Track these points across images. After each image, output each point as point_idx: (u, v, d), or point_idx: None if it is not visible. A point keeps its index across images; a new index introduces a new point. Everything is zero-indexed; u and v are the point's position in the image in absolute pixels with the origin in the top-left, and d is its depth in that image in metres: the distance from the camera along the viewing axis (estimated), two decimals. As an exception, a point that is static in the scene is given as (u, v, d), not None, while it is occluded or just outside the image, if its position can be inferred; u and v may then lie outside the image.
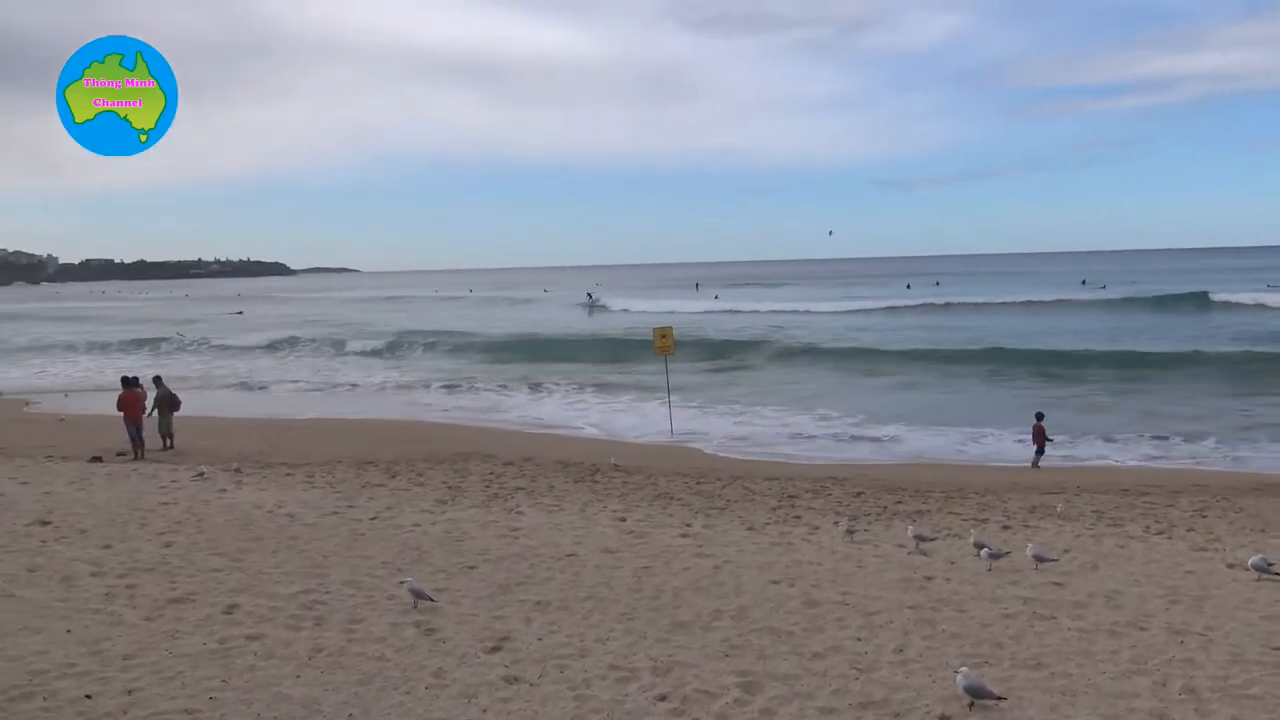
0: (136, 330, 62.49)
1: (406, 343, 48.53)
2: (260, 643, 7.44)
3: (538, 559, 10.31)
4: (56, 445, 20.47)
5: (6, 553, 10.24)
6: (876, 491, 15.30)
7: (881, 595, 8.92)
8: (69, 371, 41.34)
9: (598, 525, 12.35)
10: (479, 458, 18.77)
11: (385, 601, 8.61)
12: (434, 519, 12.59)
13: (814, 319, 59.57)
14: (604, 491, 15.17)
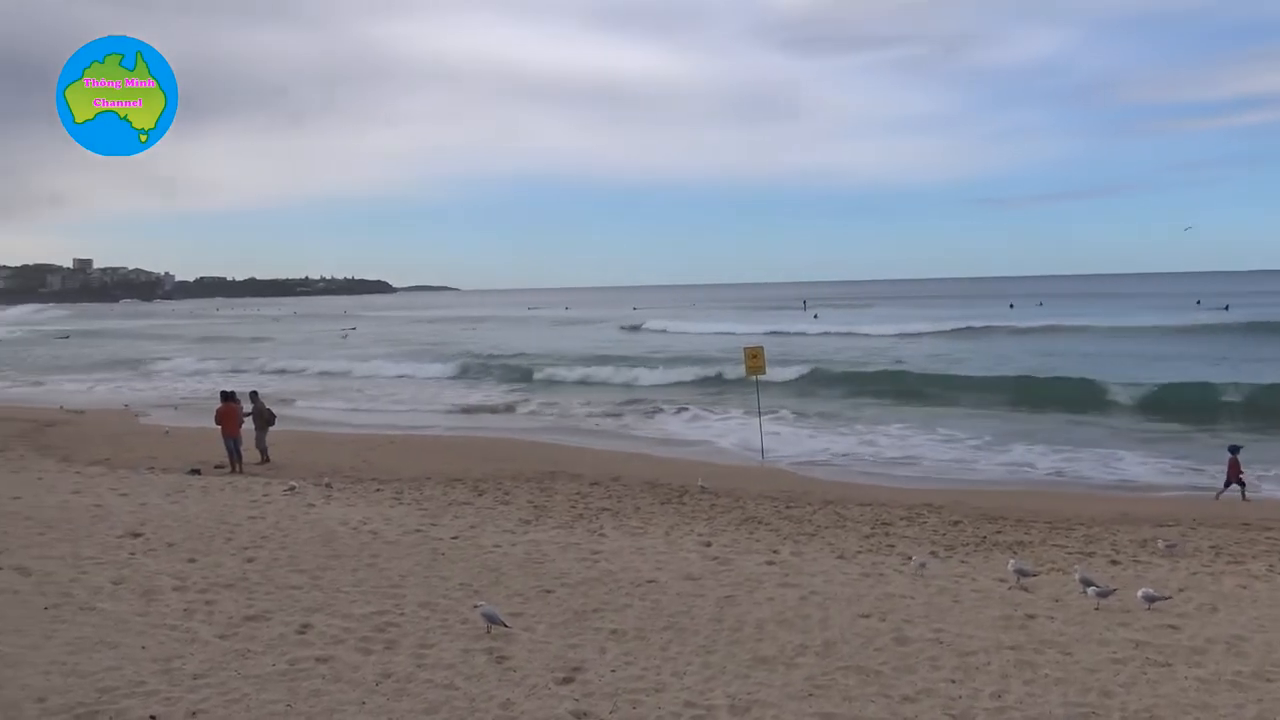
0: (250, 348, 64.49)
1: (508, 364, 48.99)
2: (329, 665, 7.29)
3: (617, 584, 10.01)
4: (159, 457, 21.02)
5: (96, 564, 10.36)
6: (975, 520, 14.61)
7: (978, 634, 8.37)
8: (193, 385, 42.67)
9: (681, 550, 12.00)
10: (566, 477, 18.61)
11: (459, 626, 8.40)
12: (515, 540, 12.40)
13: (916, 340, 58.21)
14: (690, 514, 14.82)
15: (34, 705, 6.32)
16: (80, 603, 8.86)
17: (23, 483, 16.71)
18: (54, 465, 19.97)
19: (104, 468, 19.44)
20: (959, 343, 55.24)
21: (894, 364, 43.75)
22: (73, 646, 7.57)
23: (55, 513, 13.38)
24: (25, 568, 10.12)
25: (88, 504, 14.31)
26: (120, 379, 46.36)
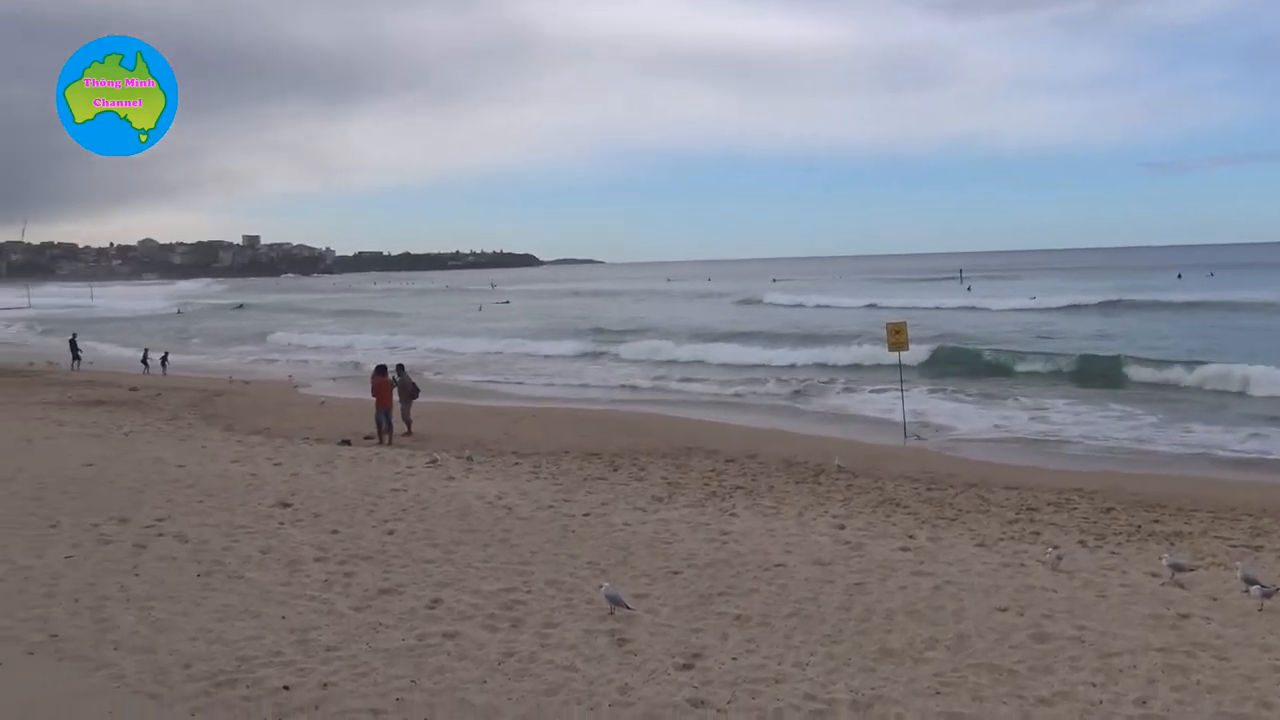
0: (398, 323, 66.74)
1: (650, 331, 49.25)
2: (455, 642, 7.45)
3: (744, 567, 9.89)
4: (313, 428, 21.94)
5: (247, 534, 10.89)
6: (1130, 507, 13.82)
7: (1125, 633, 7.89)
8: (347, 357, 44.47)
9: (813, 533, 11.77)
10: (702, 453, 18.54)
11: (583, 606, 8.45)
12: (646, 518, 12.42)
13: (1075, 314, 55.67)
14: (825, 495, 14.53)
15: (180, 671, 6.67)
16: (230, 571, 9.32)
17: (189, 451, 17.74)
18: (218, 434, 21.12)
19: (263, 437, 20.43)
20: (1120, 317, 52.49)
21: (1048, 339, 41.97)
22: (219, 614, 7.97)
23: (215, 481, 14.14)
24: (184, 535, 10.73)
25: (245, 473, 15.07)
26: (280, 350, 48.78)
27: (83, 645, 7.18)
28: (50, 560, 9.52)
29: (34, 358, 46.04)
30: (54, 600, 8.23)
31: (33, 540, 10.33)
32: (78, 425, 21.61)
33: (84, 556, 9.72)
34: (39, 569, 9.18)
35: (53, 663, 6.78)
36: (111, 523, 11.22)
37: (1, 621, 7.64)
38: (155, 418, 23.85)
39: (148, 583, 8.82)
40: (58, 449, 17.36)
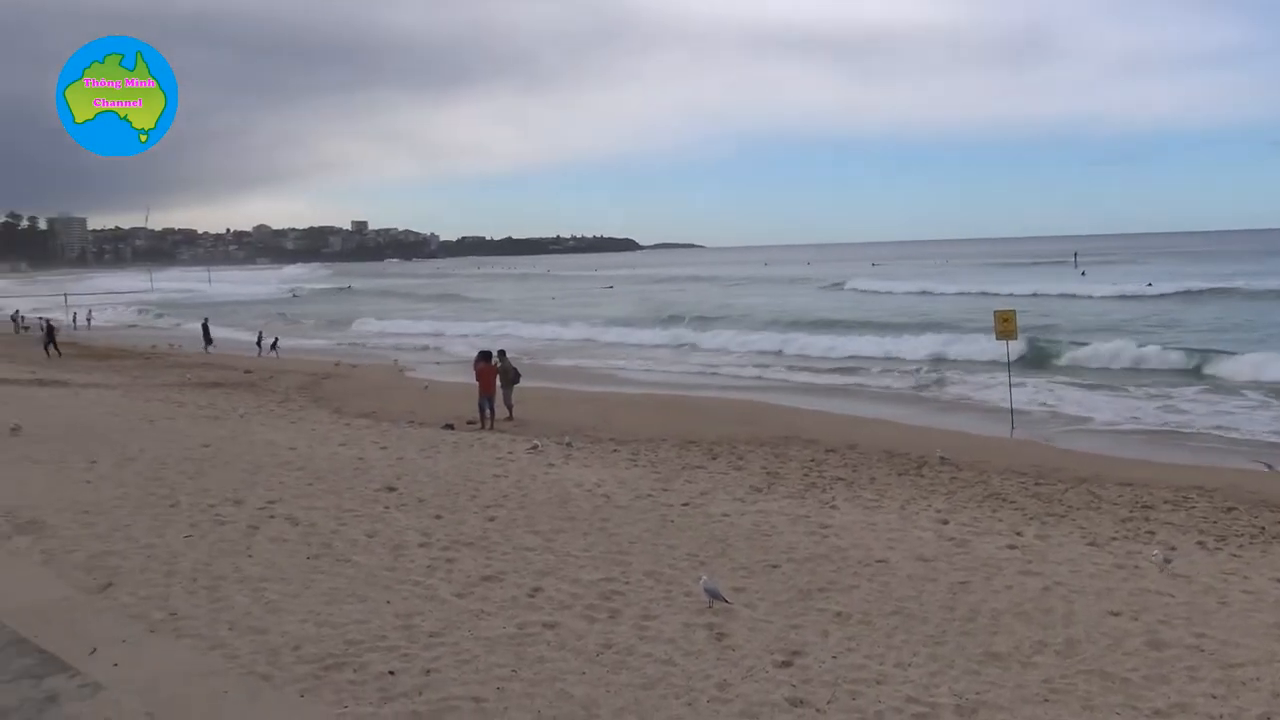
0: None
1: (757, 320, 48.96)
2: (555, 632, 7.51)
3: (845, 562, 9.75)
4: (417, 412, 22.40)
5: (354, 517, 11.18)
6: (1254, 507, 13.18)
7: (1248, 643, 7.53)
8: (448, 341, 45.35)
9: (916, 527, 11.54)
10: (801, 442, 18.34)
11: (682, 598, 8.44)
12: (745, 509, 12.34)
13: (1197, 301, 53.41)
14: (929, 488, 14.23)
15: (290, 653, 6.87)
16: (338, 554, 9.57)
17: (299, 433, 18.30)
18: (327, 416, 21.74)
19: (369, 420, 20.95)
20: (1252, 304, 50.14)
21: (1170, 327, 40.36)
22: (328, 597, 8.18)
23: (324, 464, 14.55)
24: (295, 517, 11.06)
25: (352, 456, 15.47)
26: (377, 335, 49.95)
27: (199, 624, 7.45)
28: (170, 539, 9.91)
29: (156, 340, 48.14)
30: (173, 579, 8.56)
31: (154, 519, 10.78)
32: (195, 406, 22.49)
33: (201, 536, 10.09)
34: (160, 548, 9.57)
35: (172, 640, 7.04)
36: (227, 504, 11.64)
37: (126, 599, 7.98)
38: (268, 400, 24.68)
39: (260, 564, 9.11)
40: (177, 429, 18.09)
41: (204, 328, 43.51)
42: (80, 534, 10.01)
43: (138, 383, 28.67)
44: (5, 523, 10.33)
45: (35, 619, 6.45)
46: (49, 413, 20.40)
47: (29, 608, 6.72)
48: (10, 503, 11.28)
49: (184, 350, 41.97)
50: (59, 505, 11.26)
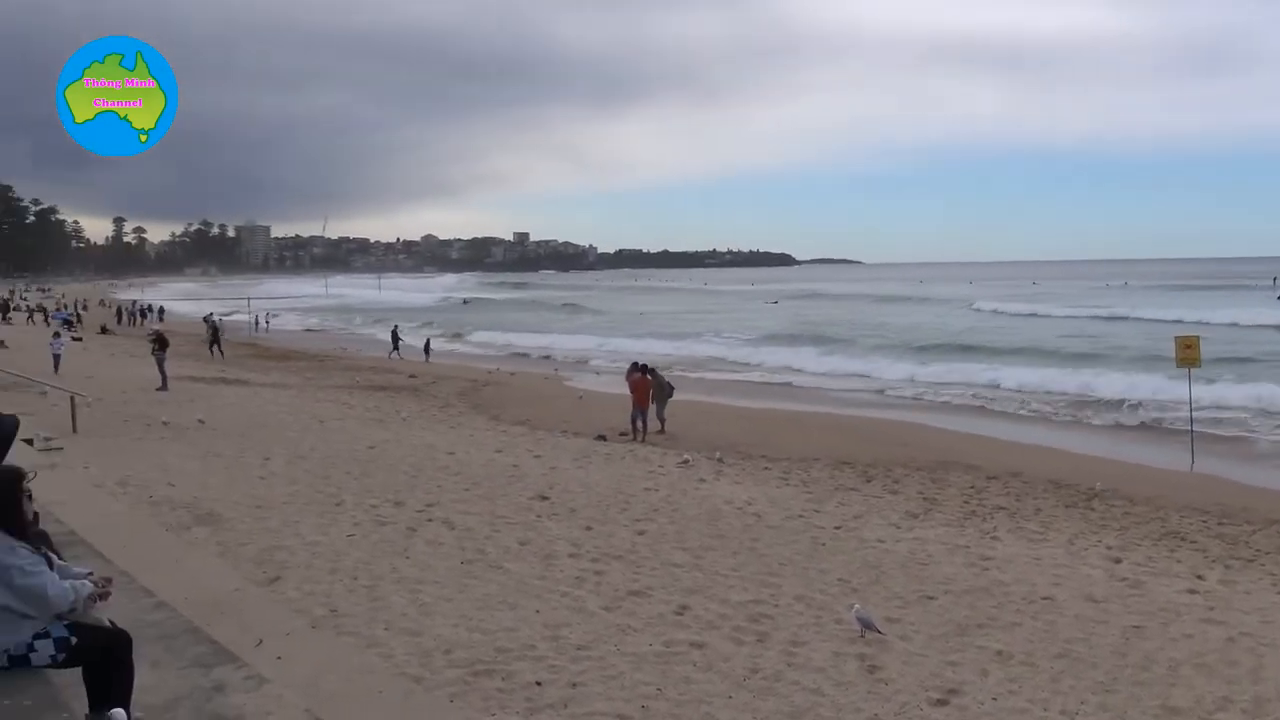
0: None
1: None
2: (701, 652, 7.41)
3: (1007, 598, 9.30)
4: (571, 421, 22.72)
5: (507, 525, 11.37)
6: None
7: None
8: (601, 352, 45.95)
9: (1085, 564, 10.92)
10: (961, 467, 17.68)
11: (832, 625, 8.21)
12: (900, 535, 11.96)
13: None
14: (1099, 522, 13.46)
15: (442, 656, 7.00)
16: (491, 561, 9.74)
17: (458, 438, 18.82)
18: (484, 423, 22.30)
19: (525, 428, 21.38)
20: None
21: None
22: (480, 603, 8.32)
23: (480, 470, 14.90)
24: (451, 521, 11.33)
25: (507, 463, 15.79)
26: (539, 343, 50.92)
27: (358, 622, 7.68)
28: (334, 537, 10.30)
29: (328, 343, 50.56)
30: (336, 576, 8.87)
31: (320, 516, 11.24)
32: (363, 409, 23.46)
33: (363, 536, 10.45)
34: (324, 545, 9.95)
35: (332, 637, 7.28)
36: (388, 505, 12.03)
37: (292, 593, 8.32)
38: (430, 405, 25.52)
39: (417, 566, 9.36)
40: (345, 431, 18.89)
41: (394, 335, 44.93)
42: (253, 528, 10.51)
43: (310, 384, 30.14)
44: (187, 514, 10.96)
45: (209, 609, 6.78)
46: (230, 409, 21.66)
47: (203, 598, 7.06)
48: (193, 494, 11.98)
49: (353, 354, 43.92)
50: (235, 499, 11.88)
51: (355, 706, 5.60)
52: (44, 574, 4.51)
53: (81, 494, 10.51)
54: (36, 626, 4.49)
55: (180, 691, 5.05)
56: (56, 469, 11.78)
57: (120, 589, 5.96)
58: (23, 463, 8.09)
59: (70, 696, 4.42)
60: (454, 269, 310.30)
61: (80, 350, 37.33)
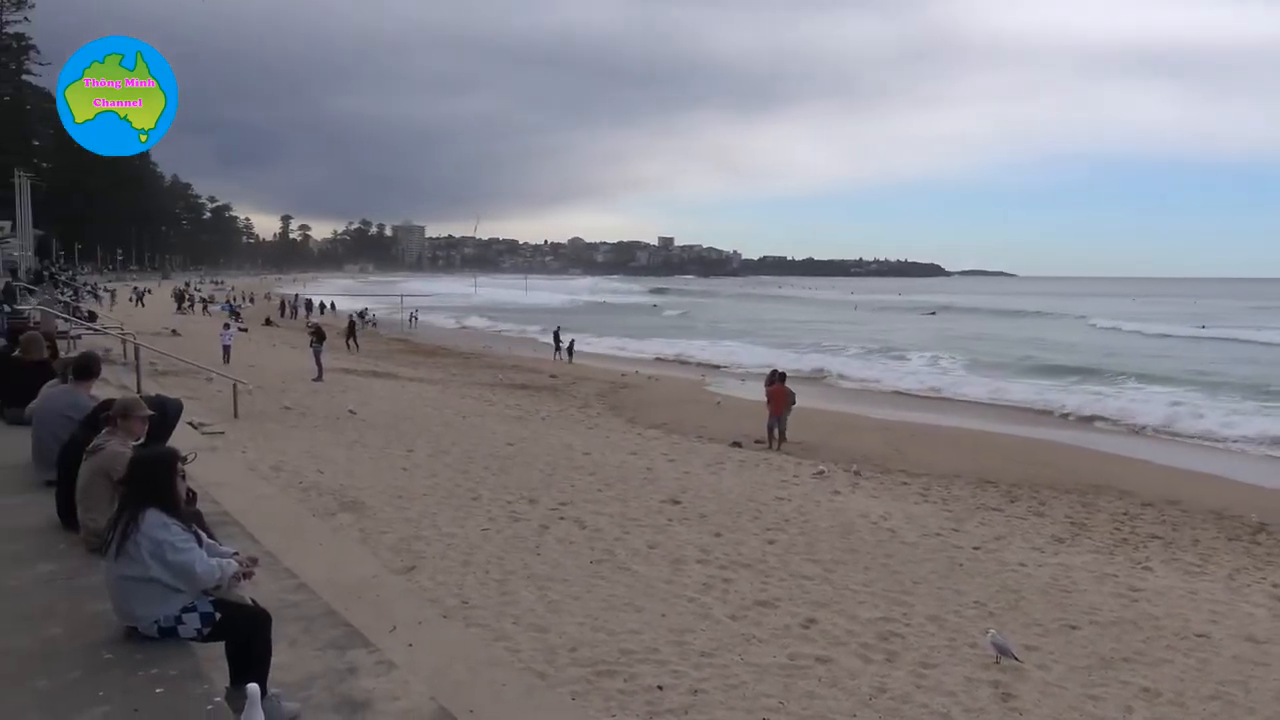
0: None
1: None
2: (827, 667, 7.27)
3: (1157, 632, 8.79)
4: (707, 426, 22.68)
5: (637, 526, 11.42)
6: None
7: None
8: (746, 359, 45.72)
9: (1246, 602, 10.23)
10: (1113, 493, 16.82)
11: (966, 649, 7.93)
12: (1043, 560, 11.46)
13: None
14: (1265, 558, 12.59)
15: (567, 654, 7.08)
16: (619, 562, 9.79)
17: (594, 439, 19.03)
18: (621, 425, 22.48)
19: (660, 431, 21.45)
20: None
21: None
22: (606, 603, 8.37)
23: (614, 471, 15.01)
24: (582, 521, 11.46)
25: (641, 466, 15.86)
26: (677, 349, 50.95)
27: (488, 615, 7.84)
28: (469, 530, 10.55)
29: (474, 341, 51.90)
30: (468, 569, 9.08)
31: (457, 510, 11.53)
32: (504, 406, 23.98)
33: (497, 531, 10.67)
34: (460, 538, 10.20)
35: (462, 628, 7.45)
36: (522, 501, 12.25)
37: (426, 583, 8.56)
38: (568, 405, 25.89)
39: (547, 563, 9.49)
40: (485, 427, 19.34)
41: (555, 336, 45.39)
42: (393, 517, 10.87)
43: (455, 380, 31.01)
44: (333, 500, 11.41)
45: (347, 594, 7.01)
46: (379, 402, 22.49)
47: (343, 582, 7.32)
48: (340, 482, 12.47)
49: (498, 352, 44.96)
50: (378, 488, 12.31)
51: (479, 697, 5.69)
52: (193, 551, 4.75)
53: (237, 477, 11.05)
54: (185, 601, 4.74)
55: (315, 671, 5.23)
56: (217, 452, 12.42)
57: (265, 569, 6.23)
58: (186, 445, 8.58)
59: (212, 669, 4.64)
60: (599, 271, 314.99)
61: (245, 340, 39.40)
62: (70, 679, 4.43)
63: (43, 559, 6.16)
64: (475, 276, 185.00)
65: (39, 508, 7.20)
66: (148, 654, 4.65)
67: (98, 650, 4.73)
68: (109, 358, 21.96)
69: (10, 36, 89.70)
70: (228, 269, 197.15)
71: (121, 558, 4.68)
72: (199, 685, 4.43)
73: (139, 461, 5.03)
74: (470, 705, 5.60)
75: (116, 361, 21.63)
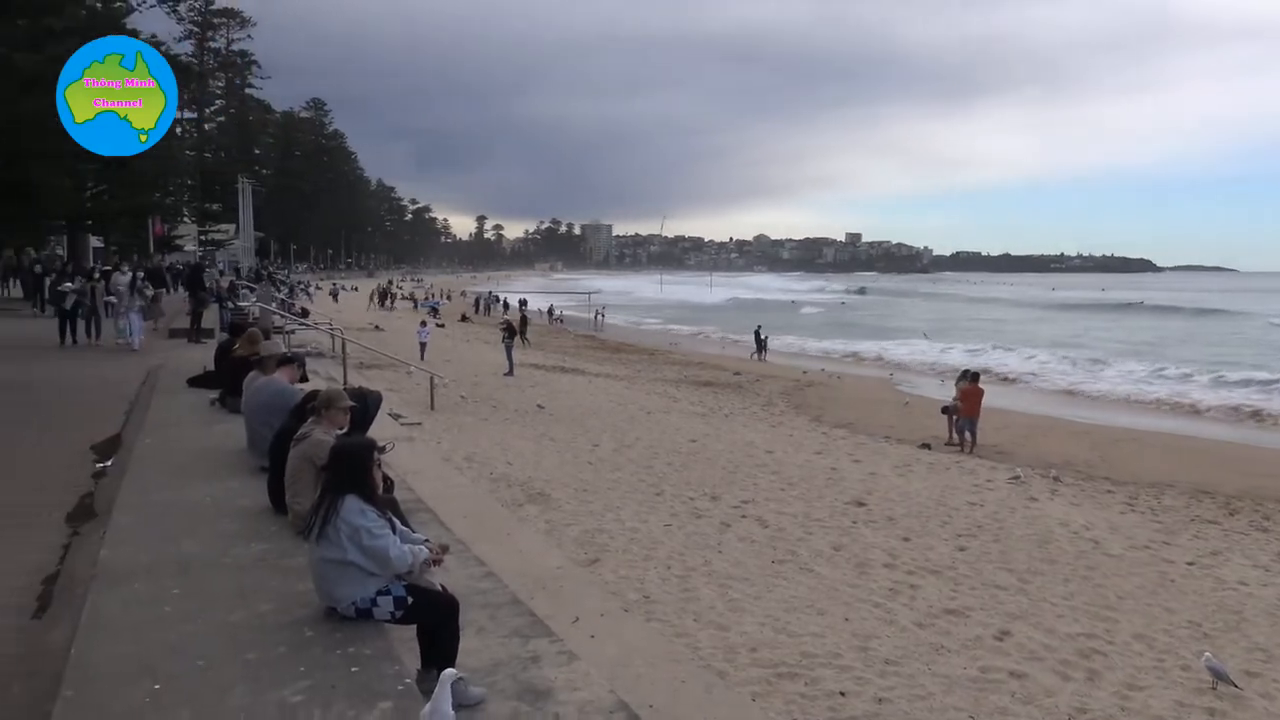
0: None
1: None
2: (1021, 683, 6.91)
3: (1404, 665, 7.93)
4: (895, 427, 22.04)
5: (821, 528, 11.21)
6: None
7: None
8: (939, 359, 44.36)
9: None
10: (1352, 509, 15.32)
11: (1177, 671, 7.37)
12: (1268, 579, 10.53)
13: None
14: None
15: (747, 654, 7.01)
16: (801, 563, 9.64)
17: (777, 438, 18.84)
18: (805, 423, 22.15)
19: (846, 431, 21.00)
20: None
21: None
22: (788, 604, 8.25)
23: (797, 471, 14.81)
24: (765, 520, 11.35)
25: (826, 466, 15.58)
26: (864, 348, 49.81)
27: (668, 610, 7.86)
28: (652, 526, 10.62)
29: (659, 338, 52.42)
30: (650, 564, 9.14)
31: (640, 505, 11.64)
32: (687, 403, 24.09)
33: (679, 527, 10.70)
34: (642, 532, 10.29)
35: (642, 622, 7.49)
36: (705, 498, 12.25)
37: (609, 576, 8.67)
38: (752, 402, 25.74)
39: (728, 561, 9.44)
40: (669, 423, 19.46)
41: (756, 334, 45.10)
42: (578, 510, 11.07)
43: (640, 376, 31.38)
44: (520, 492, 11.73)
45: (532, 583, 7.18)
46: (566, 397, 23.01)
47: (528, 572, 7.49)
48: (528, 474, 12.81)
49: (683, 350, 45.24)
50: (564, 481, 12.57)
51: (658, 692, 5.70)
52: (388, 537, 4.94)
53: (432, 466, 11.52)
54: (379, 584, 4.94)
55: (500, 658, 5.36)
56: (413, 442, 12.98)
57: (455, 556, 6.44)
58: (386, 435, 9.01)
59: (403, 651, 4.82)
60: (784, 269, 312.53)
61: (442, 336, 41.14)
62: (276, 653, 4.70)
63: (256, 539, 6.57)
64: (661, 274, 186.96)
65: (253, 491, 7.69)
66: (345, 633, 4.87)
67: (301, 627, 5.00)
68: (319, 350, 23.42)
69: (235, 54, 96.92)
70: (426, 267, 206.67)
71: (322, 541, 4.93)
72: (391, 666, 4.60)
73: (339, 450, 5.27)
74: (649, 700, 5.61)
75: (325, 355, 23.02)
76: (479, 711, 4.71)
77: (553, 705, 4.87)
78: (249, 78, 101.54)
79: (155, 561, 6.07)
